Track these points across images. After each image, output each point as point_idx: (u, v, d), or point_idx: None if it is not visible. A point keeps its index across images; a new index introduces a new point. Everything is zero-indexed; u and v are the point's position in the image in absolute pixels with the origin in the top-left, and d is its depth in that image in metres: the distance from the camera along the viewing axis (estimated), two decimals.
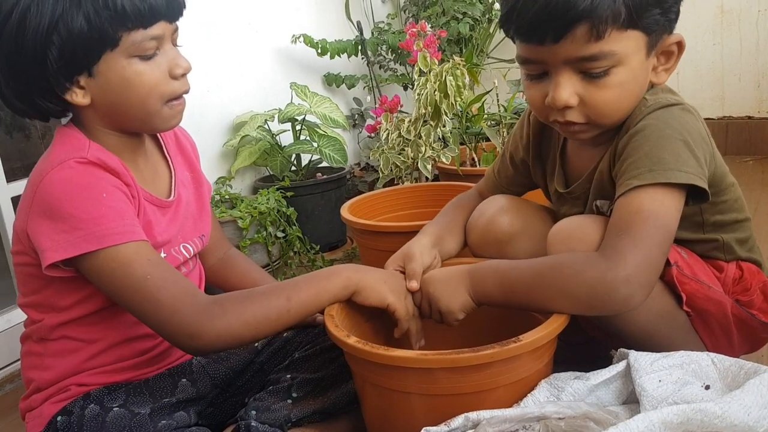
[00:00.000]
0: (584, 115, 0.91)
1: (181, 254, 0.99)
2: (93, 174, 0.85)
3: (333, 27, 2.57)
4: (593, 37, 0.84)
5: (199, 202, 1.06)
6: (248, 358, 1.06)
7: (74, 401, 0.91)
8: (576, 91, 0.89)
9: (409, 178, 1.86)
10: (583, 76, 0.88)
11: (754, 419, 0.70)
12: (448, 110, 1.77)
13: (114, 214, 0.83)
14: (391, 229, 1.47)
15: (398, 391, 0.87)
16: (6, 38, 0.82)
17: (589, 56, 0.86)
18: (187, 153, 1.08)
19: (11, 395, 1.42)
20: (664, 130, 0.87)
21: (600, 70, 0.87)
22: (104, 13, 0.81)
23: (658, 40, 0.89)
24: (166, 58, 0.88)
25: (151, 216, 0.93)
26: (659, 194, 0.84)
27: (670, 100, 0.92)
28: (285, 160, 2.14)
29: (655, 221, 0.83)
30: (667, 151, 0.85)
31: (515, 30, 0.89)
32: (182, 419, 0.93)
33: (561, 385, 0.86)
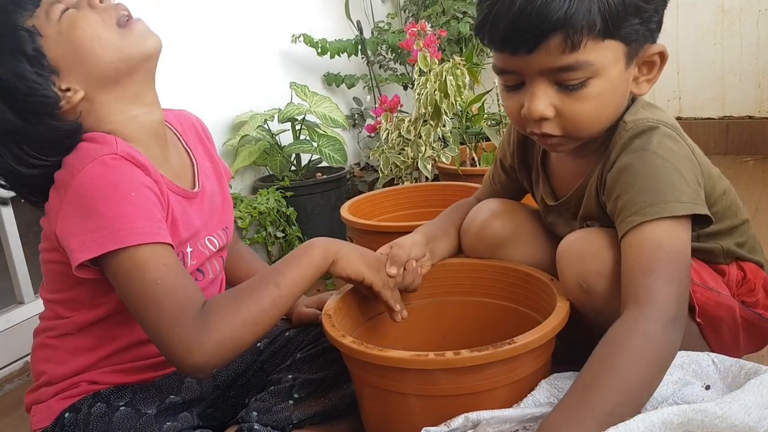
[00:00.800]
0: (561, 128, 0.89)
1: (207, 248, 0.98)
2: (124, 171, 0.84)
3: (333, 27, 2.57)
4: (568, 47, 0.82)
5: (221, 192, 1.06)
6: (250, 359, 1.06)
7: (83, 399, 0.90)
8: (552, 103, 0.87)
9: (409, 178, 1.86)
10: (559, 88, 0.86)
11: (755, 419, 0.70)
12: (449, 110, 1.77)
13: (141, 214, 0.81)
14: (391, 229, 1.47)
15: (395, 392, 0.87)
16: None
17: (565, 67, 0.84)
18: (204, 142, 1.07)
19: (11, 395, 1.42)
20: (653, 161, 0.86)
21: (576, 81, 0.85)
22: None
23: (638, 50, 0.87)
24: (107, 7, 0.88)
25: (179, 208, 0.92)
26: (669, 227, 0.83)
27: (649, 122, 0.89)
28: (285, 159, 2.14)
29: (677, 255, 0.81)
30: (662, 182, 0.84)
31: (489, 39, 0.88)
32: (186, 420, 0.93)
33: (561, 386, 0.86)
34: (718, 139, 2.63)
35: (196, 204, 0.97)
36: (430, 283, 1.11)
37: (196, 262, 0.96)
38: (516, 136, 1.12)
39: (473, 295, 1.12)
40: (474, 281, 1.11)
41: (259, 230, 1.86)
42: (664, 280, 0.79)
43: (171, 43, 2.13)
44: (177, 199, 0.92)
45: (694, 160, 0.90)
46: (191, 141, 1.03)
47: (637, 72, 0.90)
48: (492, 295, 1.10)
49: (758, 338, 1.01)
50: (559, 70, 0.84)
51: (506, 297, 1.08)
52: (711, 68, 2.63)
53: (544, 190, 1.08)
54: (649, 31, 0.86)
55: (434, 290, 1.12)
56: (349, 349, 0.87)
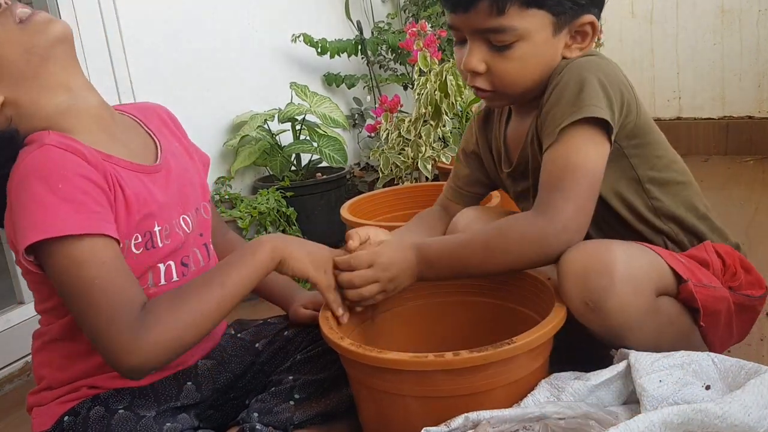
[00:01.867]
0: (490, 83, 1.00)
1: (181, 228, 0.95)
2: (53, 161, 0.81)
3: (333, 27, 2.57)
4: (494, 12, 0.93)
5: (192, 172, 1.03)
6: (249, 360, 1.06)
7: (82, 402, 0.90)
8: (484, 59, 0.98)
9: (409, 178, 1.86)
10: (490, 47, 0.97)
11: (755, 419, 0.70)
12: (449, 110, 1.77)
13: (66, 207, 0.79)
14: (391, 229, 1.47)
15: (393, 394, 0.87)
16: None
17: (492, 29, 0.95)
18: (170, 127, 1.06)
19: (11, 395, 1.42)
20: (580, 73, 0.94)
21: (504, 43, 0.95)
22: None
23: (567, 22, 0.96)
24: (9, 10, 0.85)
25: (136, 183, 0.90)
26: (582, 142, 0.91)
27: (588, 55, 0.99)
28: (285, 160, 2.14)
29: (583, 172, 0.90)
30: (584, 90, 0.92)
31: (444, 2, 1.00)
32: (186, 421, 0.93)
33: (561, 385, 0.86)
34: (718, 139, 2.62)
35: (161, 179, 0.95)
36: (427, 284, 1.11)
37: (171, 243, 0.93)
38: (478, 124, 1.20)
39: (471, 295, 1.11)
40: (471, 281, 1.11)
41: (260, 230, 1.86)
42: (564, 198, 0.89)
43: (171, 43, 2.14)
44: (133, 176, 0.90)
45: (628, 86, 0.98)
46: (154, 126, 1.01)
47: (570, 40, 0.99)
48: (490, 295, 1.10)
49: (748, 320, 1.03)
50: (488, 31, 0.96)
51: (504, 296, 1.08)
52: (711, 68, 2.62)
53: (504, 161, 1.14)
54: (577, 5, 0.95)
55: (432, 291, 1.12)
56: (348, 351, 0.87)
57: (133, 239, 0.88)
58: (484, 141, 1.20)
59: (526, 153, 1.06)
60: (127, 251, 0.87)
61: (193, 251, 0.99)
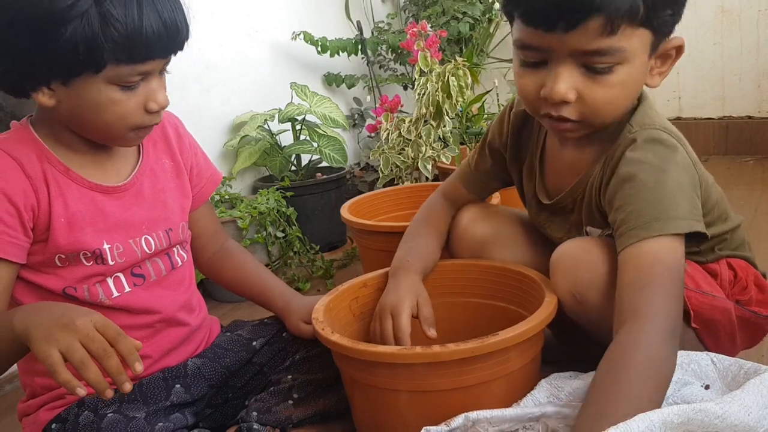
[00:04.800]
0: (579, 113, 0.87)
1: (141, 247, 0.94)
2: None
3: (333, 27, 2.57)
4: (606, 31, 0.80)
5: (177, 192, 1.01)
6: (245, 357, 1.05)
7: (68, 408, 0.90)
8: (575, 86, 0.85)
9: (409, 178, 1.85)
10: (585, 71, 0.84)
11: (755, 419, 0.69)
12: (451, 110, 1.77)
13: None
14: (391, 229, 1.47)
15: (384, 389, 0.87)
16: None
17: (598, 50, 0.82)
18: (170, 140, 1.03)
19: (11, 396, 1.42)
20: (658, 174, 0.86)
21: (605, 66, 0.83)
22: (100, 40, 0.78)
23: (661, 41, 0.87)
24: (146, 90, 0.86)
25: (84, 202, 0.90)
26: (667, 242, 0.83)
27: (656, 129, 0.90)
28: (285, 160, 2.13)
29: (674, 270, 0.82)
30: (666, 197, 0.85)
31: (523, 12, 0.84)
32: (179, 421, 0.93)
33: (560, 385, 0.86)
34: (718, 139, 2.62)
35: (125, 199, 0.94)
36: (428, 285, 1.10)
37: (126, 261, 0.93)
38: (512, 125, 1.09)
39: (464, 296, 1.12)
40: (464, 281, 1.11)
41: (259, 230, 1.86)
42: (662, 295, 0.80)
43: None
44: (85, 193, 0.90)
45: (695, 173, 0.90)
46: (152, 138, 1.00)
47: (653, 63, 0.89)
48: (483, 295, 1.10)
49: (755, 335, 1.02)
50: (591, 53, 0.83)
51: (498, 297, 1.08)
52: (711, 68, 2.62)
53: (538, 186, 1.05)
54: (674, 23, 0.86)
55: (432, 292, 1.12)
56: (338, 345, 0.87)
57: (82, 255, 0.89)
58: (515, 146, 1.09)
59: (579, 194, 0.98)
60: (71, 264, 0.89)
61: (153, 262, 0.97)
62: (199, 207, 1.08)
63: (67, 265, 0.89)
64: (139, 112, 0.86)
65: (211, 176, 1.09)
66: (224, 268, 1.13)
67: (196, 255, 1.10)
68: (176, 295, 1.00)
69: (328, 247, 2.10)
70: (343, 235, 2.17)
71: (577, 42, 0.82)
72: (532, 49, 0.86)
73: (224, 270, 1.13)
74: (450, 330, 1.10)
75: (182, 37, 0.86)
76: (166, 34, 0.82)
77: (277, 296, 1.12)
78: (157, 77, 0.87)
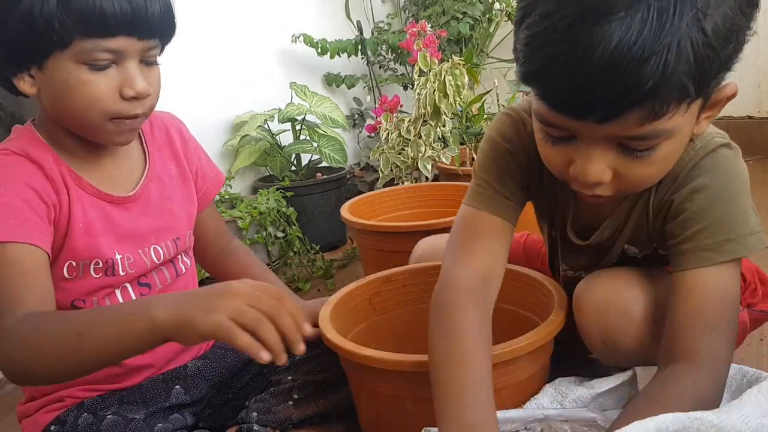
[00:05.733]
0: (614, 189, 0.75)
1: (150, 257, 0.93)
2: (5, 166, 0.82)
3: (333, 27, 2.57)
4: (650, 118, 0.66)
5: (183, 199, 1.00)
6: (245, 358, 1.05)
7: (68, 410, 0.90)
8: (611, 165, 0.72)
9: (409, 178, 1.85)
10: (622, 149, 0.71)
11: (752, 429, 0.68)
12: (447, 110, 1.77)
13: (2, 212, 0.78)
14: (391, 229, 1.47)
15: (392, 395, 0.86)
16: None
17: (639, 136, 0.69)
18: (175, 145, 1.01)
19: (12, 395, 1.41)
20: (731, 184, 0.78)
21: (646, 147, 0.70)
22: (58, 13, 0.76)
23: (710, 97, 0.73)
24: (122, 74, 0.82)
25: (96, 212, 0.88)
26: (735, 269, 0.77)
27: (716, 139, 0.82)
28: (285, 160, 2.13)
29: (737, 307, 0.77)
30: (739, 212, 0.77)
31: (545, 96, 0.69)
32: (178, 422, 0.92)
33: (565, 391, 0.85)
34: None
35: (134, 210, 0.92)
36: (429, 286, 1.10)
37: (135, 271, 0.91)
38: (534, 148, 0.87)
39: None
40: None
41: (260, 230, 1.86)
42: (725, 341, 0.74)
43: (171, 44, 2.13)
44: (98, 204, 0.88)
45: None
46: (155, 144, 0.99)
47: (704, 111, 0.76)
48: None
49: (755, 328, 1.01)
50: (629, 138, 0.69)
51: (504, 299, 1.08)
52: None
53: (572, 223, 0.92)
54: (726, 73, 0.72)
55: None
56: (343, 350, 0.87)
57: (93, 265, 0.87)
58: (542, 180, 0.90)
59: (611, 238, 0.89)
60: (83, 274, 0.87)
61: (160, 272, 0.96)
62: (204, 209, 1.08)
63: (75, 277, 0.87)
64: (112, 97, 0.82)
65: (215, 177, 1.08)
66: (229, 268, 1.13)
67: (201, 254, 1.10)
68: None
69: (328, 247, 2.10)
70: (343, 235, 2.17)
71: (613, 131, 0.68)
72: (556, 128, 0.72)
73: (229, 269, 1.13)
74: None
75: (151, 16, 0.81)
76: (129, 9, 0.79)
77: None
78: (135, 62, 0.83)
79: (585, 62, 0.62)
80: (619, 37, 0.60)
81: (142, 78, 0.83)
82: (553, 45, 0.64)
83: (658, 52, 0.61)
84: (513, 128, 0.89)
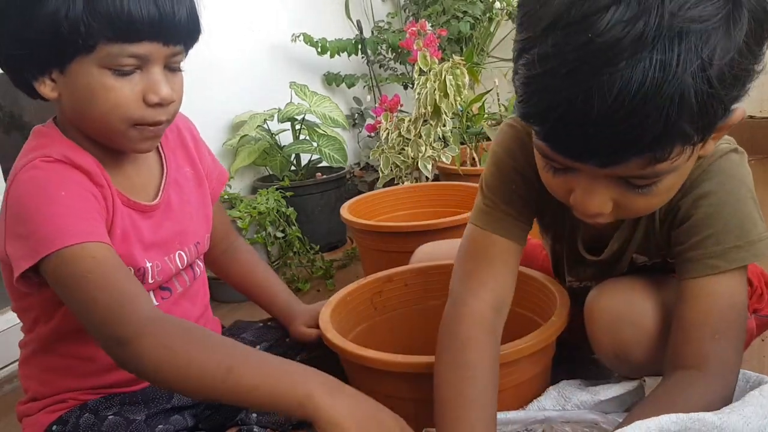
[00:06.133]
0: (614, 216, 0.74)
1: (175, 263, 0.93)
2: (57, 172, 0.79)
3: (332, 26, 2.57)
4: (651, 164, 0.65)
5: (199, 203, 0.99)
6: None
7: (70, 411, 0.90)
8: (612, 197, 0.71)
9: (409, 178, 1.85)
10: (623, 184, 0.70)
11: (754, 430, 0.68)
12: (448, 110, 1.77)
13: (70, 213, 0.77)
14: (391, 229, 1.46)
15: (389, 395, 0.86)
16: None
17: (641, 176, 0.68)
18: (188, 147, 1.00)
19: (11, 396, 1.41)
20: (738, 190, 0.78)
21: (648, 184, 0.69)
22: (84, 16, 0.75)
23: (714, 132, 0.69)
24: (146, 80, 0.80)
25: (128, 222, 0.87)
26: (742, 277, 0.77)
27: (723, 145, 0.81)
28: (284, 159, 2.13)
29: (744, 315, 0.77)
30: (747, 218, 0.77)
31: (545, 138, 0.68)
32: (179, 423, 0.92)
33: (568, 396, 0.85)
34: None
35: (156, 217, 0.91)
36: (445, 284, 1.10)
37: (162, 278, 0.91)
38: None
39: None
40: None
41: (259, 230, 1.86)
42: (732, 349, 0.74)
43: None
44: (126, 213, 0.87)
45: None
46: (170, 147, 0.98)
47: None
48: None
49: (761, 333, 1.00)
50: (631, 177, 0.69)
51: None
52: None
53: (583, 239, 0.91)
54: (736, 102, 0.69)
55: (435, 293, 1.11)
56: (344, 351, 0.86)
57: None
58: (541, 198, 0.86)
59: (620, 251, 0.88)
60: None
61: (180, 276, 0.96)
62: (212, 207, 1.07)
63: None
64: (136, 103, 0.80)
65: (219, 175, 1.07)
66: (232, 267, 1.12)
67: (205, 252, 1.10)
68: (196, 305, 1.00)
69: (328, 247, 2.09)
70: (343, 235, 2.17)
71: (615, 171, 0.67)
72: (556, 162, 0.71)
73: (231, 269, 1.12)
74: None
75: (178, 22, 0.80)
76: (157, 14, 0.77)
77: (281, 302, 1.11)
78: (160, 68, 0.81)
79: (585, 112, 0.60)
80: (619, 89, 0.58)
81: (166, 84, 0.82)
82: (553, 92, 0.62)
83: (660, 104, 0.59)
84: (517, 142, 0.87)
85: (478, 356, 0.78)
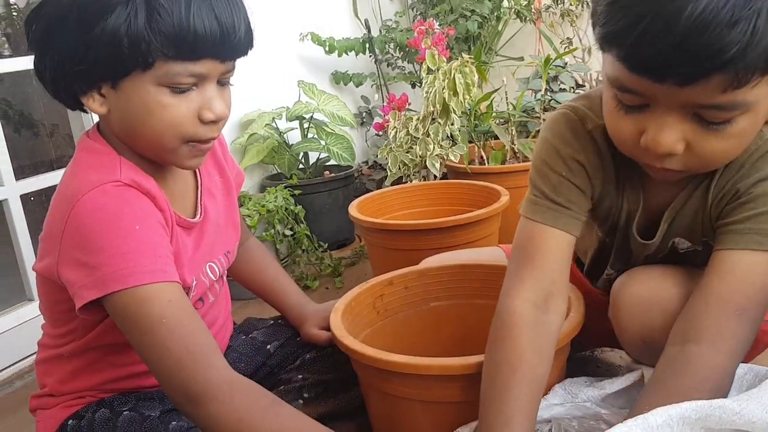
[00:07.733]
0: (685, 163, 0.72)
1: (208, 277, 0.92)
2: (128, 201, 0.77)
3: (341, 25, 2.57)
4: (731, 86, 0.64)
5: (227, 210, 0.97)
6: (260, 361, 1.05)
7: (87, 406, 0.90)
8: (684, 136, 0.69)
9: (418, 177, 1.85)
10: (697, 120, 0.68)
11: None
12: (457, 108, 1.77)
13: (145, 251, 0.75)
14: (399, 227, 1.47)
15: (397, 396, 0.86)
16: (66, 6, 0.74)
17: (718, 105, 0.66)
18: (216, 154, 0.97)
19: (21, 392, 1.42)
20: None
21: (723, 119, 0.68)
22: (145, 33, 0.73)
23: None
24: (201, 97, 0.78)
25: (182, 241, 0.86)
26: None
27: None
28: (293, 158, 2.14)
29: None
30: None
31: (626, 57, 0.66)
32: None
33: (575, 392, 0.85)
34: None
35: (195, 232, 0.90)
36: (445, 286, 1.10)
37: (198, 292, 0.91)
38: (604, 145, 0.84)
39: (488, 298, 1.10)
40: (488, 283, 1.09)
41: (268, 228, 1.86)
42: (751, 326, 0.73)
43: None
44: (178, 231, 0.85)
45: None
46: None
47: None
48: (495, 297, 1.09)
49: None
50: (707, 107, 0.67)
51: None
52: None
53: (638, 223, 0.87)
54: None
55: (450, 293, 1.11)
56: (355, 352, 0.86)
57: None
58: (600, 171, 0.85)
59: (679, 226, 0.85)
60: None
61: (212, 287, 0.96)
62: None
63: None
64: (191, 121, 0.78)
65: (237, 176, 1.05)
66: (244, 267, 1.12)
67: None
68: (222, 312, 1.00)
69: (337, 245, 2.10)
70: (351, 233, 2.17)
71: (692, 97, 0.66)
72: (632, 93, 0.70)
73: (244, 268, 1.12)
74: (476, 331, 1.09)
75: (239, 39, 0.79)
76: (219, 32, 0.75)
77: (292, 302, 1.11)
78: (214, 85, 0.79)
79: (672, 23, 0.61)
80: (708, 0, 0.59)
81: (221, 101, 0.80)
82: (640, 5, 0.63)
83: (748, 16, 0.59)
84: (570, 128, 0.85)
85: (513, 352, 0.77)
